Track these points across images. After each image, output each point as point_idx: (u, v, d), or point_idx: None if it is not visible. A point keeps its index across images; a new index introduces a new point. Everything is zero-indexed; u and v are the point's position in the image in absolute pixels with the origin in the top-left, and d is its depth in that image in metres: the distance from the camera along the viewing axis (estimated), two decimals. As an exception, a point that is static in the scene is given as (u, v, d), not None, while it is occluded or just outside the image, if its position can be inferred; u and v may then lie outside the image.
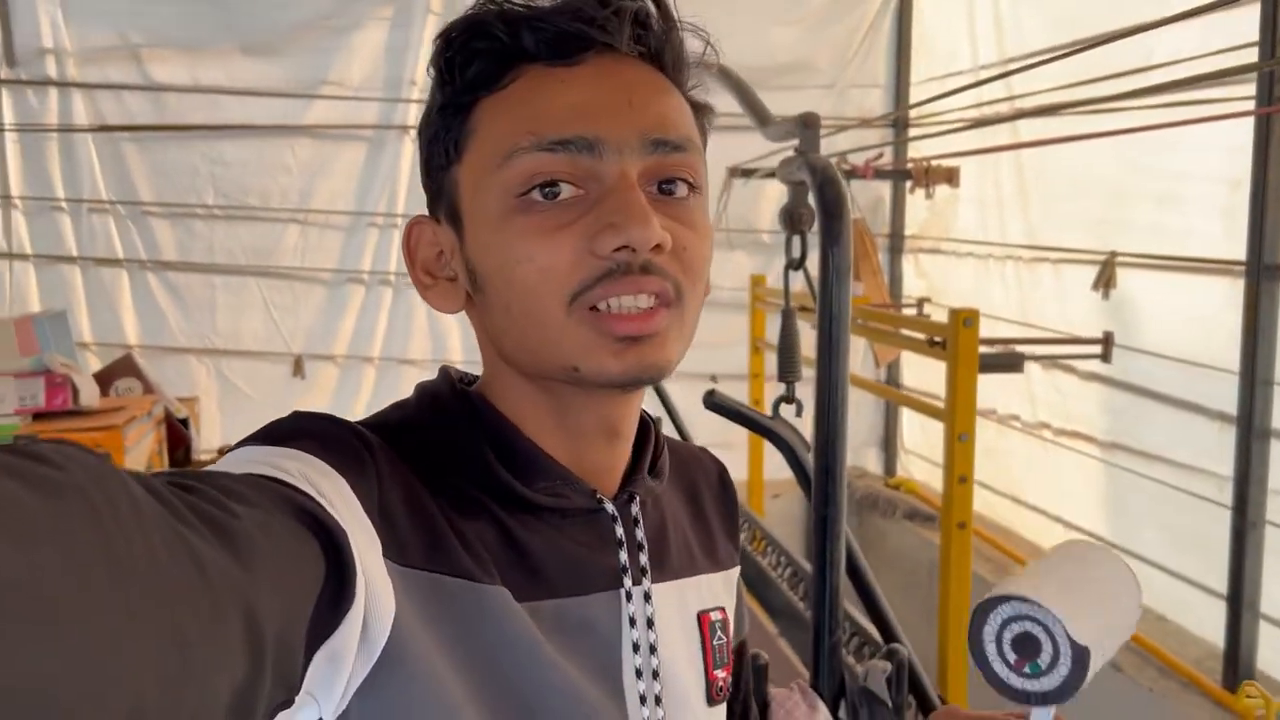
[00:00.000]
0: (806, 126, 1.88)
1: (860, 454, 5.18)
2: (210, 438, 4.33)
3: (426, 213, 0.73)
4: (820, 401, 1.64)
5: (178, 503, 0.43)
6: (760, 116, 2.05)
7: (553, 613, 0.67)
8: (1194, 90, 2.74)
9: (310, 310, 4.83)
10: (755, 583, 2.78)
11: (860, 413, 5.04)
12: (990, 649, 0.63)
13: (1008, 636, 0.63)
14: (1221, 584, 2.78)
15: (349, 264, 4.80)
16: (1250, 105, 2.68)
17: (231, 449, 0.60)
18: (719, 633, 0.79)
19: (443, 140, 0.68)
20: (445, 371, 0.74)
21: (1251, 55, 2.71)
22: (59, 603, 0.34)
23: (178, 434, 3.46)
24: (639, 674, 0.71)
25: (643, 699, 0.71)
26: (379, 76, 4.68)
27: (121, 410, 2.94)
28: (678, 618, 0.76)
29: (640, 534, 0.73)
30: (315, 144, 4.73)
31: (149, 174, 4.66)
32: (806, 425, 2.04)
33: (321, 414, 0.64)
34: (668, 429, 3.23)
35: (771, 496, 4.27)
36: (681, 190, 0.67)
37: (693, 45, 0.71)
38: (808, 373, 1.74)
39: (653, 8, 0.68)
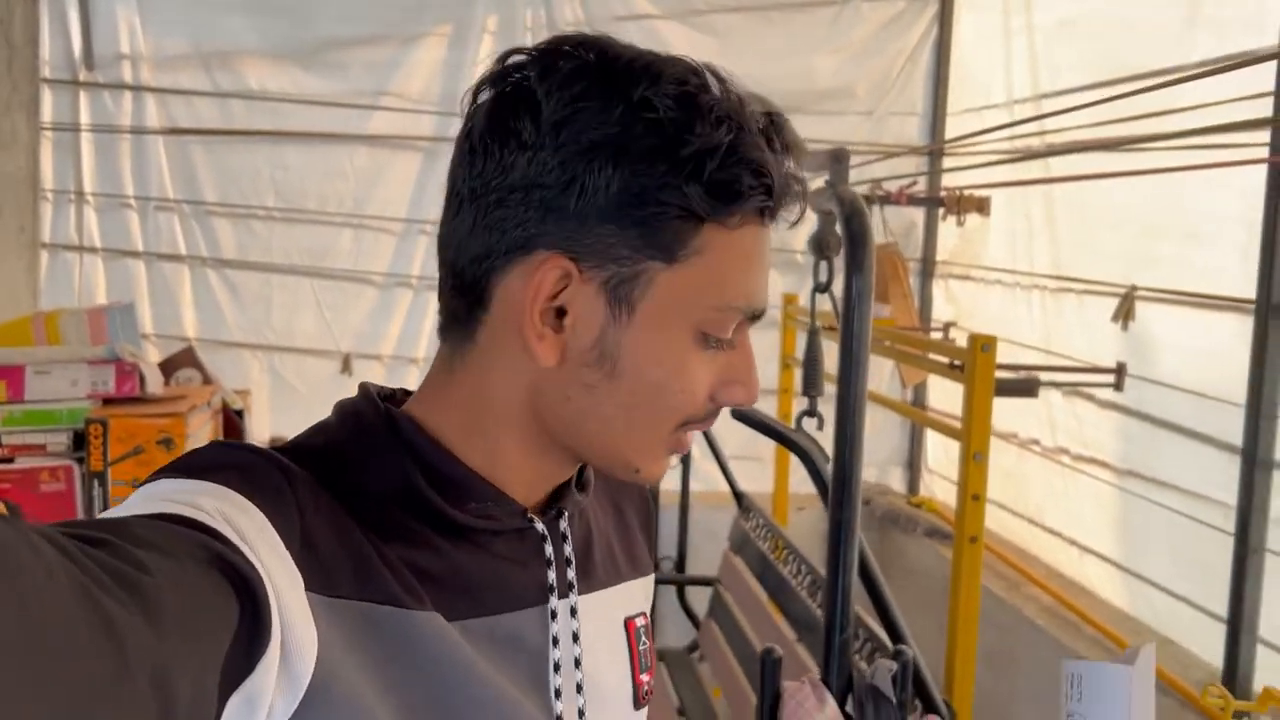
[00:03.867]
0: (837, 161, 2.03)
1: (885, 472, 5.29)
2: (260, 429, 4.53)
3: (553, 240, 0.66)
4: (840, 415, 1.78)
5: (88, 561, 0.43)
6: (794, 150, 2.19)
7: (484, 630, 0.69)
8: (1218, 135, 2.86)
9: (360, 311, 5.02)
10: (776, 591, 2.89)
11: (886, 433, 5.15)
12: None
13: None
14: (1223, 608, 2.89)
15: (399, 269, 4.99)
16: (1265, 151, 2.80)
17: (147, 480, 0.60)
18: (643, 637, 0.81)
19: (656, 225, 0.65)
20: (365, 389, 0.73)
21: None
22: None
23: (232, 424, 3.64)
24: (559, 693, 0.72)
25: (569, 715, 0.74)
26: (436, 90, 4.87)
27: (184, 399, 3.10)
28: (604, 627, 0.78)
29: (568, 549, 0.75)
30: (372, 152, 4.92)
31: (214, 176, 4.87)
32: (828, 438, 2.19)
33: (241, 444, 0.64)
34: (698, 440, 3.38)
35: (796, 509, 4.39)
36: None
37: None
38: (830, 389, 1.88)
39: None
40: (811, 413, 2.15)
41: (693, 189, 0.64)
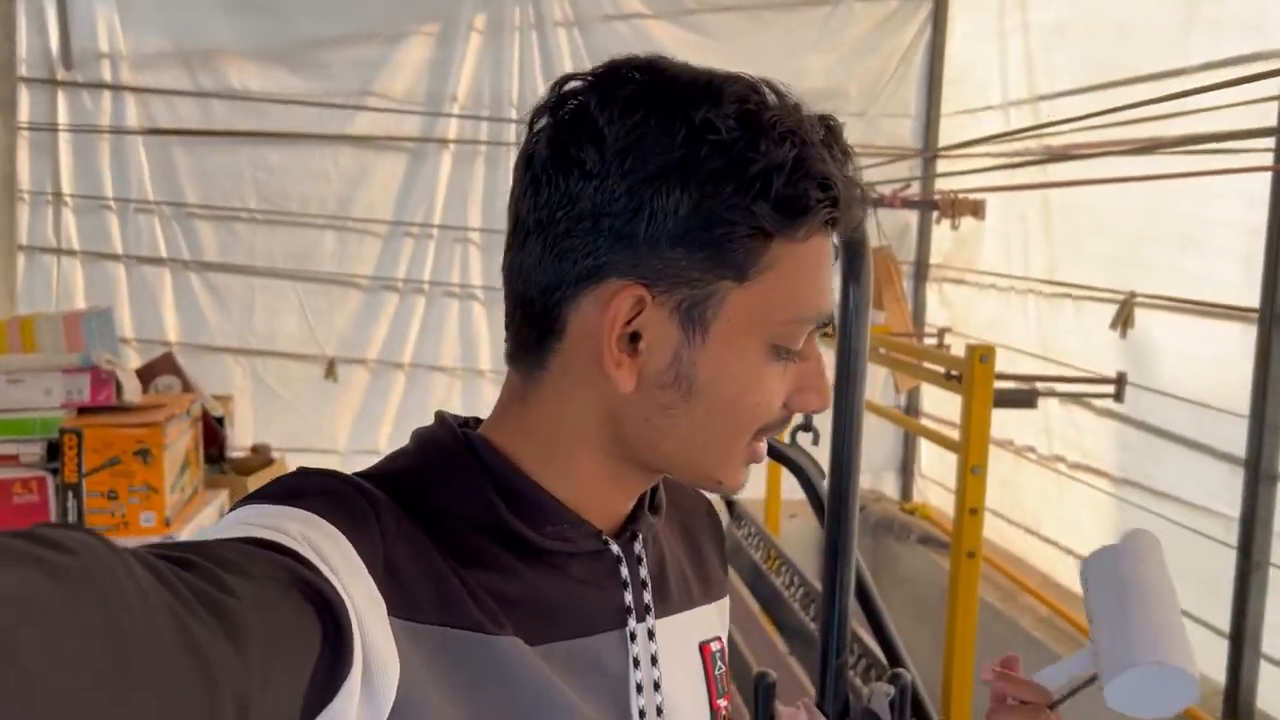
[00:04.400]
0: (833, 167, 1.97)
1: (879, 478, 5.24)
2: (243, 436, 4.45)
3: (618, 265, 0.66)
4: (836, 431, 1.72)
5: (179, 584, 0.45)
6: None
7: (565, 654, 0.70)
8: (1218, 141, 2.81)
9: (345, 315, 4.95)
10: (769, 602, 2.85)
11: (880, 438, 5.09)
12: None
13: None
14: (1225, 623, 2.84)
15: (384, 271, 4.91)
16: (1270, 159, 2.75)
17: (234, 506, 0.62)
18: (719, 662, 0.82)
19: (726, 246, 0.66)
20: (443, 416, 0.75)
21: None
22: (64, 687, 0.37)
23: (213, 432, 3.57)
24: (643, 714, 0.73)
25: None
26: (421, 90, 4.80)
27: (162, 408, 3.02)
28: (680, 651, 0.79)
29: (644, 571, 0.76)
30: (356, 153, 4.85)
31: (195, 177, 4.80)
32: (823, 453, 2.13)
33: (326, 471, 0.66)
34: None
35: (788, 516, 4.33)
36: None
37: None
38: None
39: None
40: (807, 427, 2.09)
41: (761, 207, 0.65)
